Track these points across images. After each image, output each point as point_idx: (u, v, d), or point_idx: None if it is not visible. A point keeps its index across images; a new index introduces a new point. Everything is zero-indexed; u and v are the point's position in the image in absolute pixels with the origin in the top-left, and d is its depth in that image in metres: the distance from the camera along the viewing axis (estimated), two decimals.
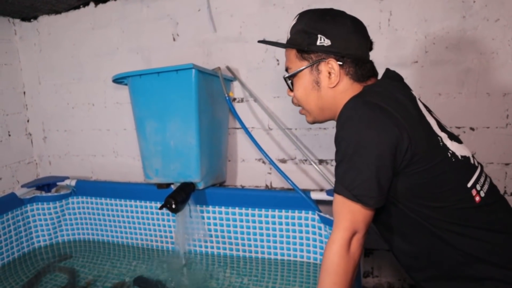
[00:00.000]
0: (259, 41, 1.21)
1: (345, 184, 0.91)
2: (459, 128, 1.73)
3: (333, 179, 1.28)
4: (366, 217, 0.93)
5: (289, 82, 1.08)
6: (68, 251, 2.08)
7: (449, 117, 1.73)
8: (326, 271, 0.93)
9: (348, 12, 1.75)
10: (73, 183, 2.13)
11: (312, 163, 1.85)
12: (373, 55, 1.78)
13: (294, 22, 1.05)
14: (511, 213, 1.01)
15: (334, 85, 1.01)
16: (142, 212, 2.03)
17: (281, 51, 1.89)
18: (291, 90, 1.09)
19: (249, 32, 1.94)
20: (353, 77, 1.02)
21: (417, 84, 1.75)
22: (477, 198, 0.95)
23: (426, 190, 0.92)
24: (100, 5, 2.21)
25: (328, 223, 1.63)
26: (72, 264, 1.91)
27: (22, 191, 2.08)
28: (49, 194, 2.15)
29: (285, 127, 1.95)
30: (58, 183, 2.21)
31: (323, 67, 1.01)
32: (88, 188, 2.13)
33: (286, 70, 1.08)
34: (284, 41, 1.11)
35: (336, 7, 1.74)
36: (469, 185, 0.95)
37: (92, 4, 2.22)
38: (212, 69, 1.84)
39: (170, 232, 2.00)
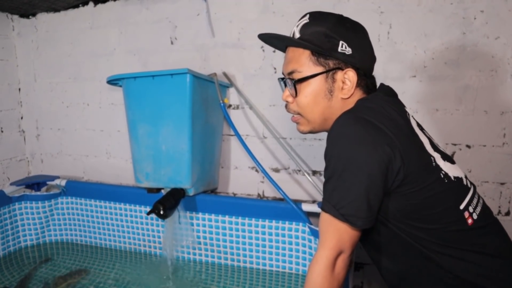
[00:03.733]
0: (263, 34, 1.06)
1: (332, 202, 0.87)
2: (455, 145, 1.71)
3: None
4: (353, 237, 0.90)
5: (294, 86, 0.98)
6: (55, 252, 2.05)
7: (446, 133, 1.71)
8: None
9: None
10: (63, 183, 2.10)
11: (305, 173, 1.83)
12: None
13: (305, 21, 0.98)
14: (504, 236, 0.99)
15: (348, 96, 0.97)
16: (131, 216, 2.00)
17: (279, 59, 1.88)
18: (296, 94, 0.99)
19: (248, 38, 1.93)
20: (364, 89, 1.00)
21: (415, 98, 1.73)
22: (470, 221, 0.92)
23: (417, 211, 0.90)
24: (99, 5, 2.19)
25: (318, 235, 1.60)
26: (55, 267, 1.88)
27: (11, 189, 2.05)
28: (38, 193, 2.12)
29: (280, 136, 1.93)
30: (48, 182, 2.18)
31: (339, 76, 0.96)
32: (78, 188, 2.10)
33: (291, 73, 0.99)
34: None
35: None
36: (461, 207, 0.92)
37: (91, 4, 2.20)
38: (208, 74, 1.82)
39: (159, 237, 1.97)
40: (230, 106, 2.00)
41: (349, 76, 0.95)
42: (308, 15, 0.99)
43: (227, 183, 2.07)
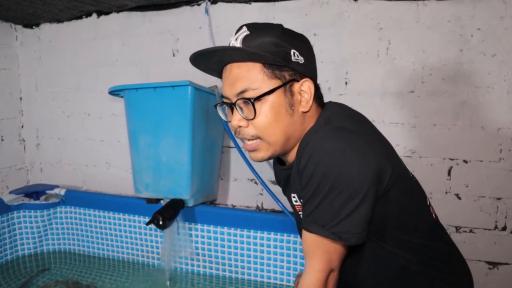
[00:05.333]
0: (195, 53, 0.87)
1: (321, 223, 0.80)
2: (452, 160, 1.73)
3: None
4: (343, 253, 0.84)
5: (253, 106, 0.84)
6: (52, 261, 2.04)
7: (443, 148, 1.73)
8: None
9: (348, 39, 1.79)
10: (62, 192, 2.11)
11: None
12: (370, 83, 1.79)
13: (246, 33, 0.85)
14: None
15: (307, 109, 0.87)
16: (130, 226, 2.00)
17: None
18: (254, 115, 0.84)
19: None
20: (317, 101, 0.91)
21: (413, 113, 1.76)
22: (434, 215, 0.96)
23: (403, 215, 0.88)
24: (102, 17, 2.22)
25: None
26: (52, 276, 1.88)
27: (10, 197, 2.06)
28: (37, 202, 2.13)
29: None
30: (47, 191, 2.19)
31: (296, 88, 0.86)
32: (77, 198, 2.11)
33: (242, 92, 0.84)
34: None
35: (336, 33, 1.77)
36: (428, 202, 0.96)
37: (94, 15, 2.23)
38: (209, 87, 1.84)
39: (157, 248, 1.97)
40: None
41: (306, 87, 0.86)
42: (245, 27, 0.87)
43: (226, 195, 2.08)
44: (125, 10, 2.14)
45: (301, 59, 0.85)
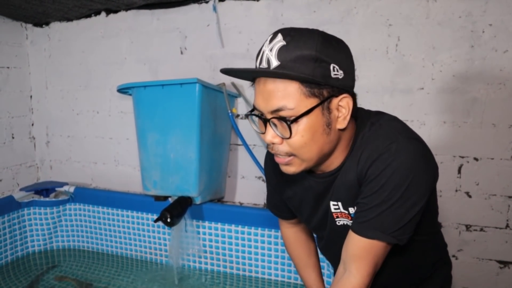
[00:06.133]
0: (229, 69, 0.83)
1: (381, 229, 0.82)
2: (462, 157, 1.71)
3: None
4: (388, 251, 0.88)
5: (289, 127, 0.79)
6: (62, 258, 2.06)
7: (453, 146, 1.71)
8: None
9: (357, 35, 1.77)
10: (71, 189, 2.12)
11: None
12: (379, 80, 1.77)
13: (282, 43, 0.77)
14: None
15: (345, 126, 0.83)
16: (138, 223, 2.01)
17: None
18: (290, 135, 0.80)
19: (257, 49, 1.93)
20: (353, 114, 0.86)
21: (422, 111, 1.74)
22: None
23: (429, 208, 0.91)
24: (111, 15, 2.23)
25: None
26: (61, 273, 1.89)
27: (20, 195, 2.08)
28: (47, 199, 2.15)
29: None
30: (57, 189, 2.21)
31: (333, 104, 0.80)
32: (86, 195, 2.13)
33: (278, 110, 0.78)
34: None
35: (344, 30, 1.75)
36: None
37: (103, 14, 2.24)
38: (217, 84, 1.84)
39: (165, 245, 1.97)
40: (238, 116, 2.01)
41: (345, 103, 0.81)
42: (280, 35, 0.79)
43: (233, 192, 2.07)
44: (134, 8, 2.14)
45: (340, 74, 0.79)
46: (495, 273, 1.71)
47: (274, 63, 0.77)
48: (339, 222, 0.94)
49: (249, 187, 2.05)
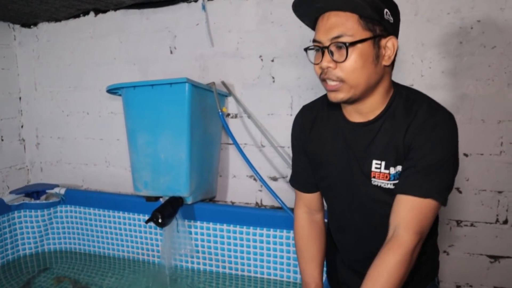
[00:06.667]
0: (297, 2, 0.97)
1: (434, 188, 0.93)
2: None
3: None
4: None
5: (347, 49, 0.92)
6: (53, 260, 2.05)
7: None
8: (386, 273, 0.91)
9: None
10: (62, 191, 2.11)
11: None
12: None
13: None
14: None
15: (389, 63, 0.97)
16: (129, 224, 2.00)
17: (278, 68, 1.89)
18: (345, 59, 0.92)
19: (246, 48, 1.94)
20: (394, 62, 1.01)
21: None
22: None
23: None
24: (100, 15, 2.22)
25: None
26: (54, 276, 1.88)
27: (10, 197, 2.06)
28: (38, 201, 2.13)
29: (278, 144, 1.93)
30: (47, 191, 2.19)
31: (382, 43, 0.94)
32: (77, 197, 2.11)
33: (338, 37, 0.92)
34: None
35: None
36: None
37: (92, 14, 2.23)
38: (207, 83, 1.83)
39: (157, 245, 1.97)
40: (228, 115, 2.01)
41: (391, 44, 0.95)
42: None
43: (225, 192, 2.07)
44: (122, 7, 2.13)
45: (391, 19, 0.94)
46: (485, 267, 1.72)
47: None
48: (374, 182, 1.01)
49: (240, 186, 2.04)
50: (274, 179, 1.97)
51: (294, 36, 1.87)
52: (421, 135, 0.93)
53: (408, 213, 0.93)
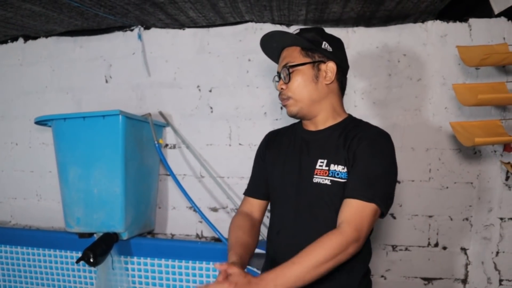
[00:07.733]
0: (265, 35, 1.22)
1: (380, 197, 1.05)
2: None
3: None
4: None
5: (287, 73, 1.16)
6: None
7: None
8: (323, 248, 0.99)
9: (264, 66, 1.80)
10: None
11: None
12: None
13: (297, 31, 1.21)
14: None
15: (330, 82, 1.16)
16: (61, 263, 1.89)
17: (215, 99, 1.89)
18: (289, 80, 1.16)
19: (184, 78, 1.93)
20: (341, 85, 1.21)
21: None
22: None
23: None
24: (30, 41, 2.12)
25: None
26: None
27: None
28: None
29: (218, 175, 1.91)
30: None
31: (322, 67, 1.16)
32: (3, 235, 1.97)
33: (286, 64, 1.17)
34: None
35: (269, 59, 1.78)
36: None
37: (21, 40, 2.13)
38: (142, 115, 1.79)
39: (92, 284, 1.86)
40: (166, 145, 1.97)
41: (330, 67, 1.16)
42: (299, 30, 1.22)
43: (165, 224, 2.01)
44: (54, 35, 2.05)
45: (329, 48, 1.17)
46: None
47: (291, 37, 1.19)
48: (315, 180, 1.13)
49: (180, 218, 1.99)
50: (215, 209, 1.94)
51: (231, 67, 1.88)
52: (365, 146, 1.09)
53: (352, 213, 1.05)
